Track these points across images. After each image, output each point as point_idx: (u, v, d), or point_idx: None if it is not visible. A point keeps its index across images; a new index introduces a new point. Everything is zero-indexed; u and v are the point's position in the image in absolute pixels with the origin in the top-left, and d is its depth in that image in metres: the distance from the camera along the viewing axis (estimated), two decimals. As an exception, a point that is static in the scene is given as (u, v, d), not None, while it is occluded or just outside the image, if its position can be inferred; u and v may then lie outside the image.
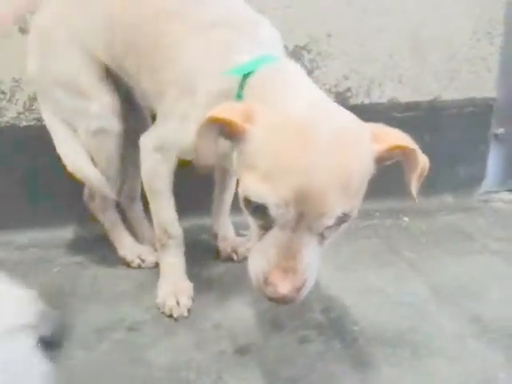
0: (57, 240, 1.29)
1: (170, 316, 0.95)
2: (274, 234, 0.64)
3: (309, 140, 0.62)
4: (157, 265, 1.09)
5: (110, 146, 1.07)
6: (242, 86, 0.80)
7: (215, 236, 1.22)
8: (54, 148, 1.12)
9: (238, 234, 1.25)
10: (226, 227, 1.22)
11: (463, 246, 1.24)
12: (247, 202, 0.66)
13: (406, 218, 1.35)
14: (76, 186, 1.14)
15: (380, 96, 1.45)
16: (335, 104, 0.73)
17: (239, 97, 0.80)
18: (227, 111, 0.68)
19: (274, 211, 0.62)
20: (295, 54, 1.34)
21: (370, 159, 0.67)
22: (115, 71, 1.05)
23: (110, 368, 0.83)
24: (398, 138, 0.68)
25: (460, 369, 0.82)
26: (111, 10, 0.99)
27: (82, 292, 1.06)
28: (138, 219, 1.27)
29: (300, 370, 0.82)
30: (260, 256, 0.65)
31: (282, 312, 0.96)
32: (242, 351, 0.86)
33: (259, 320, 0.95)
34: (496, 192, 1.56)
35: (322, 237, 0.66)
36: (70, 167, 1.09)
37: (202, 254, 1.20)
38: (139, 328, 0.93)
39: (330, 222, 0.63)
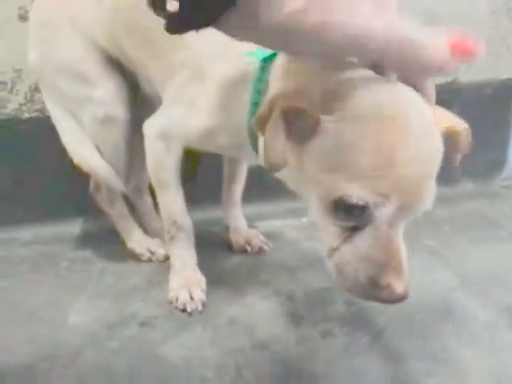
0: (62, 235, 1.24)
1: (184, 310, 0.90)
2: (371, 234, 0.57)
3: (402, 126, 0.55)
4: (167, 258, 1.04)
5: (117, 135, 1.03)
6: (264, 69, 0.72)
7: (227, 228, 1.17)
8: (57, 140, 1.07)
9: (250, 226, 1.21)
10: (237, 218, 1.17)
11: (489, 234, 1.18)
12: (339, 203, 0.57)
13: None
14: (82, 178, 1.10)
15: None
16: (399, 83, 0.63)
17: (260, 82, 0.73)
18: (292, 98, 0.56)
19: (377, 210, 0.55)
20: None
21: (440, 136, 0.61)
22: (118, 59, 1.00)
23: (121, 366, 0.78)
24: (451, 119, 0.63)
25: (493, 361, 0.77)
26: None
27: (91, 288, 1.01)
28: (146, 212, 1.22)
29: (324, 366, 0.77)
30: (357, 259, 0.59)
31: (300, 304, 0.91)
32: (260, 347, 0.81)
33: (277, 313, 0.89)
34: (519, 177, 1.50)
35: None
36: (77, 159, 1.05)
37: (213, 247, 1.15)
38: (151, 324, 0.88)
39: (430, 205, 0.58)
